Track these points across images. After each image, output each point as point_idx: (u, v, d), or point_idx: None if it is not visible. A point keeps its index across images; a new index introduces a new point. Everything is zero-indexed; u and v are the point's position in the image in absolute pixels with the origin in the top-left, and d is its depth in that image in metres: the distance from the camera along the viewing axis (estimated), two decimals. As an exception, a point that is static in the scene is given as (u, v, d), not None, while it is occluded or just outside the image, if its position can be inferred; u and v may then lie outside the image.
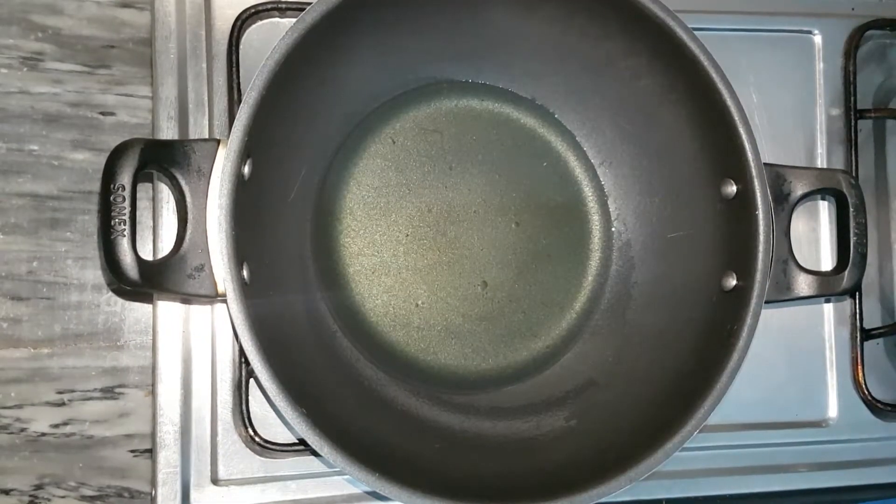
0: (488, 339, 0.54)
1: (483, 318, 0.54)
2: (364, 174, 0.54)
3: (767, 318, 0.54)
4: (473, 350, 0.54)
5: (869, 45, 0.61)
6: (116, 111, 0.54)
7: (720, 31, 0.59)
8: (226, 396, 0.51)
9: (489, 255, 0.55)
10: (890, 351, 0.61)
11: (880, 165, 0.62)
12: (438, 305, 0.54)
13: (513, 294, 0.55)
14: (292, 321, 0.49)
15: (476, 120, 0.56)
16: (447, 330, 0.54)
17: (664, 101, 0.51)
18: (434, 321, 0.54)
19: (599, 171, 0.57)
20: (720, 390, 0.47)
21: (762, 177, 0.48)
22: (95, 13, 0.54)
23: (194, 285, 0.44)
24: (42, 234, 0.53)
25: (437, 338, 0.54)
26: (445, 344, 0.54)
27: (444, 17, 0.51)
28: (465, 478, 0.47)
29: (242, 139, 0.43)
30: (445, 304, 0.54)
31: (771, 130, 0.59)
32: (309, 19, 0.45)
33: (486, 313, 0.54)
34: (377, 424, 0.49)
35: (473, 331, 0.54)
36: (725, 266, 0.50)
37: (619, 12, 0.48)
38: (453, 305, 0.54)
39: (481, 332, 0.54)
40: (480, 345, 0.54)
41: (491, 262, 0.55)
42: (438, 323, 0.54)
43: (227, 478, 0.51)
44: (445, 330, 0.54)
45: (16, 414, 0.52)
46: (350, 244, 0.53)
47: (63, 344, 0.53)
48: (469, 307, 0.54)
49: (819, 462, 0.57)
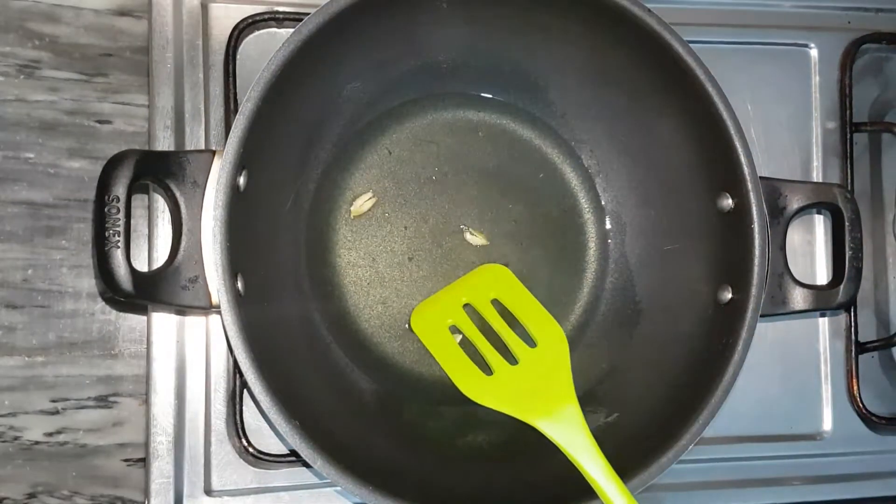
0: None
1: (478, 330, 0.54)
2: (359, 185, 0.54)
3: (762, 332, 0.54)
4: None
5: (865, 59, 0.61)
6: (113, 119, 0.54)
7: (717, 45, 0.59)
8: (220, 407, 0.51)
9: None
10: (885, 364, 0.61)
11: (876, 179, 0.62)
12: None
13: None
14: (286, 332, 0.49)
15: (473, 131, 0.56)
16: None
17: (661, 113, 0.51)
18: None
19: (596, 183, 0.57)
20: (715, 404, 0.47)
21: (758, 190, 0.48)
22: (93, 21, 0.54)
23: (188, 297, 0.44)
24: (37, 241, 0.53)
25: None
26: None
27: (441, 30, 0.51)
28: (459, 490, 0.47)
29: (238, 151, 0.43)
30: (483, 324, 0.54)
31: (767, 144, 0.59)
32: (306, 30, 0.45)
33: (481, 325, 0.54)
34: (371, 436, 0.49)
35: (468, 342, 0.54)
36: (721, 279, 0.50)
37: (616, 25, 0.48)
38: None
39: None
40: (476, 357, 0.54)
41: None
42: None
43: (221, 488, 0.51)
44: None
45: (9, 422, 0.52)
46: (345, 255, 0.53)
47: (57, 352, 0.52)
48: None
49: (814, 475, 0.58)
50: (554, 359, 0.49)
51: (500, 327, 0.51)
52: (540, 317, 0.51)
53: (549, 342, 0.50)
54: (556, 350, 0.49)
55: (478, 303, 0.52)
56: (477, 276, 0.53)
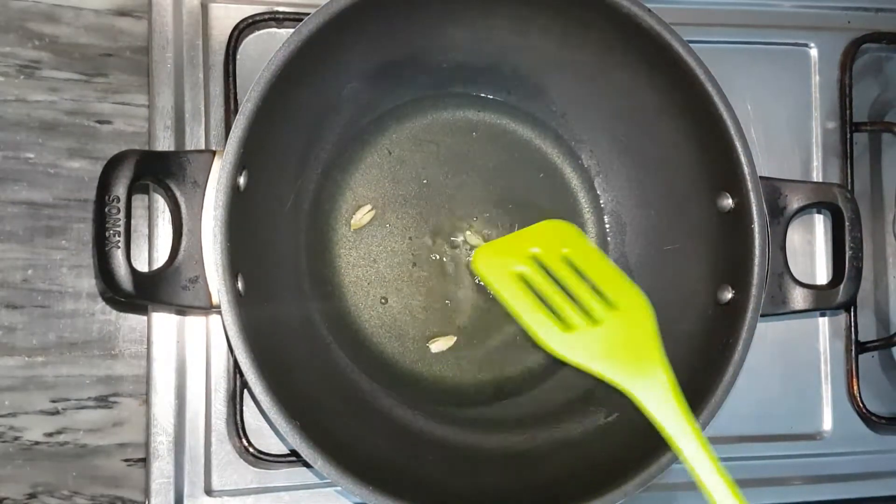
0: (484, 351, 0.54)
1: (479, 331, 0.54)
2: (360, 185, 0.54)
3: (762, 331, 0.54)
4: (469, 362, 0.54)
5: (865, 59, 0.61)
6: (113, 120, 0.54)
7: (717, 45, 0.59)
8: (220, 407, 0.51)
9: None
10: (885, 364, 0.61)
11: (876, 179, 0.62)
12: (433, 317, 0.54)
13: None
14: (287, 332, 0.49)
15: (473, 131, 0.56)
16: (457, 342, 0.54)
17: (661, 113, 0.51)
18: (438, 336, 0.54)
19: (595, 183, 0.57)
20: (715, 403, 0.47)
21: (758, 190, 0.48)
22: (93, 21, 0.54)
23: (189, 297, 0.44)
24: (37, 242, 0.53)
25: (436, 349, 0.54)
26: (441, 356, 0.54)
27: (442, 30, 0.51)
28: (458, 491, 0.47)
29: (238, 151, 0.43)
30: (440, 315, 0.54)
31: (767, 143, 0.59)
32: (306, 30, 0.45)
33: (482, 325, 0.54)
34: (371, 436, 0.49)
35: (469, 343, 0.54)
36: (721, 279, 0.50)
37: (617, 25, 0.48)
38: (448, 317, 0.54)
39: (477, 345, 0.54)
40: (476, 357, 0.54)
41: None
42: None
43: (221, 488, 0.51)
44: (454, 342, 0.54)
45: (9, 422, 0.52)
46: (345, 255, 0.53)
47: (57, 352, 0.52)
48: (464, 319, 0.54)
49: (814, 475, 0.58)
50: (641, 322, 0.45)
51: (577, 286, 0.46)
52: (619, 280, 0.47)
53: (633, 305, 0.46)
54: (642, 314, 0.45)
55: (548, 257, 0.47)
56: (544, 228, 0.49)
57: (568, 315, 0.45)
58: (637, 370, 0.43)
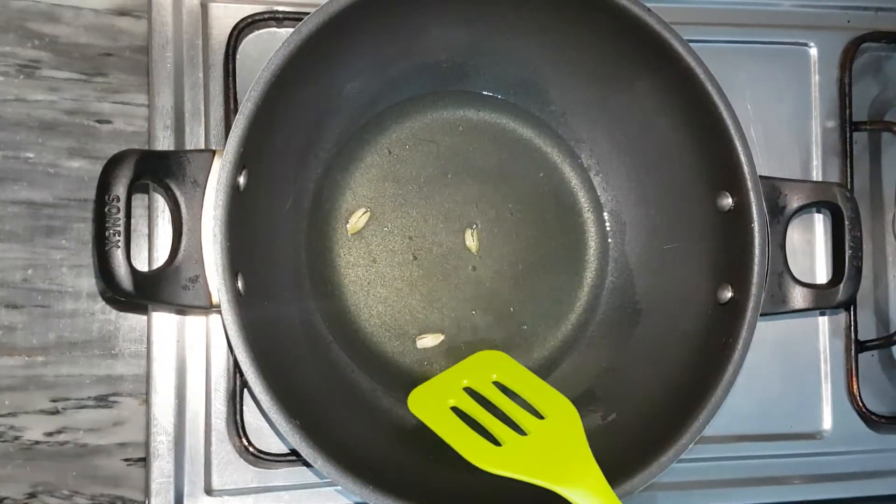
0: (483, 350, 0.54)
1: (478, 329, 0.54)
2: (359, 184, 0.54)
3: (762, 330, 0.54)
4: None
5: (864, 58, 0.62)
6: (113, 119, 0.54)
7: (716, 44, 0.59)
8: (220, 406, 0.51)
9: (485, 266, 0.55)
10: (885, 363, 0.61)
11: (875, 178, 0.62)
12: (433, 316, 0.54)
13: (508, 305, 0.55)
14: (287, 332, 0.49)
15: (473, 130, 0.56)
16: (442, 341, 0.54)
17: (661, 113, 0.52)
18: (429, 332, 0.54)
19: (595, 182, 0.57)
20: (715, 403, 0.47)
21: (758, 189, 0.48)
22: (93, 21, 0.54)
23: (189, 296, 0.44)
24: (37, 241, 0.53)
25: (433, 349, 0.54)
26: (440, 355, 0.54)
27: (442, 28, 0.51)
28: (459, 490, 0.47)
29: (238, 150, 0.43)
30: (440, 314, 0.54)
31: (766, 143, 0.59)
32: (306, 30, 0.45)
33: (482, 324, 0.54)
34: (371, 436, 0.49)
35: (469, 342, 0.54)
36: (721, 278, 0.50)
37: (617, 25, 0.48)
38: (448, 316, 0.54)
39: (476, 343, 0.54)
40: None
41: (486, 273, 0.55)
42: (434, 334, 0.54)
43: (221, 488, 0.51)
44: (441, 341, 0.54)
45: (9, 422, 0.52)
46: (345, 254, 0.53)
47: (57, 352, 0.53)
48: (465, 318, 0.54)
49: (813, 474, 0.58)
50: (567, 428, 0.48)
51: (506, 404, 0.50)
52: (546, 392, 0.50)
53: (559, 414, 0.49)
54: (568, 420, 0.48)
55: (479, 385, 0.51)
56: (475, 361, 0.52)
57: (499, 433, 0.49)
58: (567, 474, 0.46)
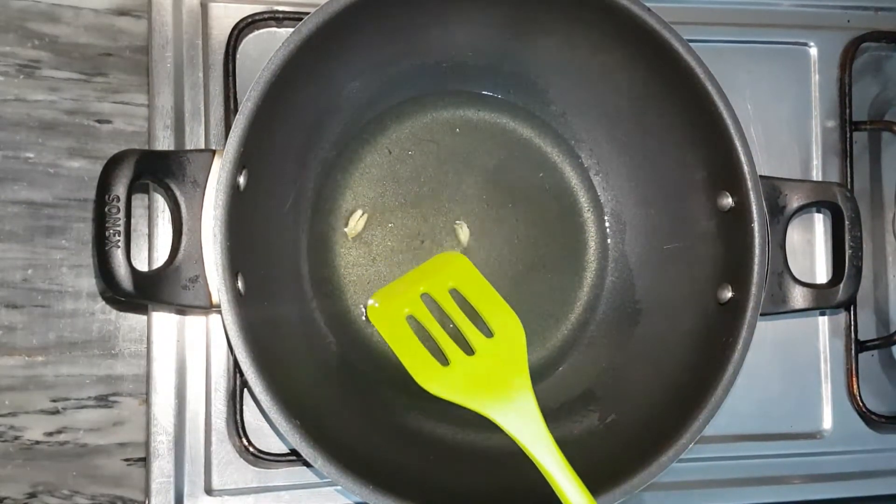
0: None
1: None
2: (360, 184, 0.54)
3: (762, 330, 0.54)
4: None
5: (864, 58, 0.62)
6: (113, 119, 0.54)
7: (716, 44, 0.59)
8: (220, 406, 0.51)
9: (485, 266, 0.55)
10: (885, 363, 0.61)
11: (875, 177, 0.62)
12: (433, 315, 0.54)
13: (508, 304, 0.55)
14: (287, 332, 0.49)
15: (473, 130, 0.56)
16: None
17: (661, 112, 0.52)
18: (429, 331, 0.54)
19: (595, 182, 0.57)
20: (715, 403, 0.47)
21: (758, 189, 0.48)
22: (92, 21, 0.54)
23: (189, 296, 0.44)
24: (37, 241, 0.53)
25: (433, 348, 0.54)
26: (440, 355, 0.54)
27: (442, 30, 0.51)
28: (458, 490, 0.47)
29: (238, 150, 0.43)
30: (440, 313, 0.54)
31: (766, 142, 0.59)
32: (306, 30, 0.45)
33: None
34: (371, 436, 0.49)
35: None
36: (721, 278, 0.50)
37: (617, 24, 0.48)
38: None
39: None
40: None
41: (486, 273, 0.55)
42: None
43: (221, 487, 0.51)
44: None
45: (10, 422, 0.52)
46: (345, 254, 0.53)
47: (57, 352, 0.53)
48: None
49: (813, 474, 0.58)
50: (510, 349, 0.48)
51: (458, 317, 0.50)
52: (497, 307, 0.51)
53: (506, 332, 0.49)
54: (513, 340, 0.49)
55: (436, 292, 0.51)
56: (435, 264, 0.52)
57: (447, 350, 0.49)
58: (502, 398, 0.46)
